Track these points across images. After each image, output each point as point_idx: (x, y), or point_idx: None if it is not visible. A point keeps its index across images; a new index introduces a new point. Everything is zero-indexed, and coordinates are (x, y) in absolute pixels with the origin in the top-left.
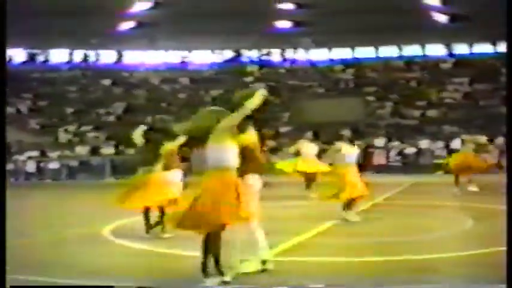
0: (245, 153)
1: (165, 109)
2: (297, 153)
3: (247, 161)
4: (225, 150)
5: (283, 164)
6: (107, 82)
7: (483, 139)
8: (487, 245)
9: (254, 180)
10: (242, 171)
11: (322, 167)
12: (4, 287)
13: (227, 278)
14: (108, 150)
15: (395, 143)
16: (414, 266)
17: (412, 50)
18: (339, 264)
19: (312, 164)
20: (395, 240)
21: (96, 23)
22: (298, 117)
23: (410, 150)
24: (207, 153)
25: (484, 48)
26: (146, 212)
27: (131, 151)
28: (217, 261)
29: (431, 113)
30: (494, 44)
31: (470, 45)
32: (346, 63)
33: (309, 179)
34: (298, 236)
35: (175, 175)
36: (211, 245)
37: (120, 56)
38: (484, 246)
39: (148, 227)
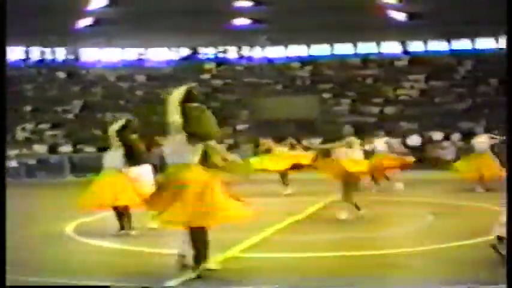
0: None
1: (122, 106)
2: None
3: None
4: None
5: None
6: (64, 79)
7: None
8: (449, 239)
9: None
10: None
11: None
12: (4, 286)
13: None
14: (66, 148)
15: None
16: (377, 261)
17: (367, 47)
18: (302, 260)
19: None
20: (358, 236)
21: (53, 20)
22: (255, 114)
23: (368, 146)
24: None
25: (438, 45)
26: (116, 210)
27: (89, 149)
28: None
29: (388, 110)
30: (449, 41)
31: (425, 43)
32: (303, 61)
33: (282, 175)
34: (261, 232)
35: (146, 171)
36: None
37: (77, 53)
38: (446, 241)
39: (123, 224)
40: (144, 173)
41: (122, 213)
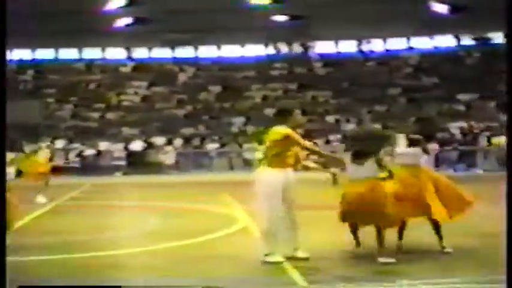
0: None
1: None
2: None
3: None
4: None
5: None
6: None
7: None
8: (173, 239)
9: None
10: None
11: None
12: (4, 286)
13: None
14: None
15: (75, 145)
16: (102, 262)
17: (92, 53)
18: (27, 263)
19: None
20: (82, 239)
21: None
22: None
23: (90, 151)
24: None
25: (162, 52)
26: None
27: None
28: None
29: (110, 115)
30: (173, 48)
31: (150, 50)
32: (26, 65)
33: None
34: None
35: None
36: None
37: None
38: (170, 241)
39: None
40: None
41: None
